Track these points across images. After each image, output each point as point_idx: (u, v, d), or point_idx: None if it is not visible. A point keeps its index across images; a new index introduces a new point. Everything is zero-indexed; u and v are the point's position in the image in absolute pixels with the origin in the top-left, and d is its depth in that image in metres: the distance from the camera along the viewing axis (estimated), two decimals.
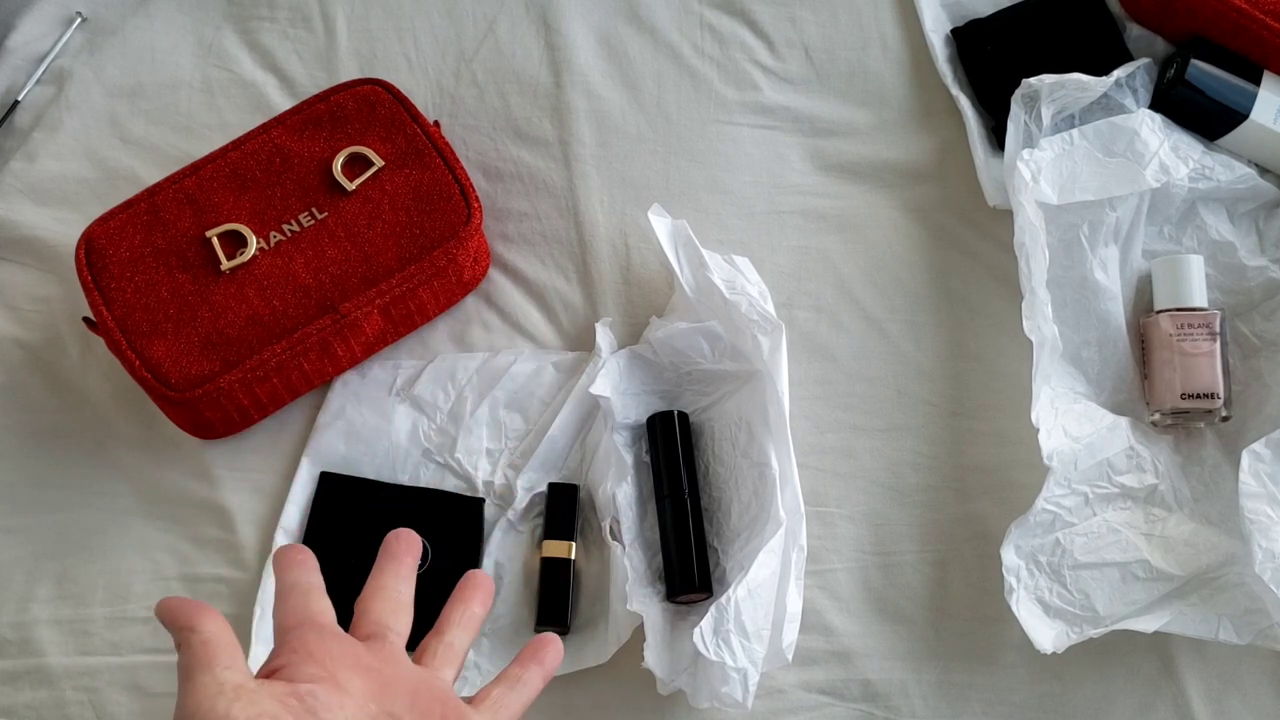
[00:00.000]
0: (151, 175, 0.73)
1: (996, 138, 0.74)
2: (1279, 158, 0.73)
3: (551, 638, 0.52)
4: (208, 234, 0.67)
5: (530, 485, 0.68)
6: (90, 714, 0.65)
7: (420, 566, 0.66)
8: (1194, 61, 0.72)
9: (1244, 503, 0.62)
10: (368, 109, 0.70)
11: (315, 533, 0.67)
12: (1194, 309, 0.68)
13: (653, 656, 0.61)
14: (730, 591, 0.59)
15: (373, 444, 0.69)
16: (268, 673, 0.44)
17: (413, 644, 0.49)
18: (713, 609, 0.59)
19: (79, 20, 0.79)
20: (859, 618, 0.67)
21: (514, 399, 0.70)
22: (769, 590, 0.60)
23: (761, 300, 0.67)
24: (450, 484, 0.68)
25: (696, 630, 0.58)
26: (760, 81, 0.78)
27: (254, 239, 0.67)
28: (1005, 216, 0.72)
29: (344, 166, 0.69)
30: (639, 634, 0.62)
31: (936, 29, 0.78)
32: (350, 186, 0.68)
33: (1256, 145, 0.73)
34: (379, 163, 0.69)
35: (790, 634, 0.61)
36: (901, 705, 0.65)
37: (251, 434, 0.70)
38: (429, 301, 0.69)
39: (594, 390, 0.66)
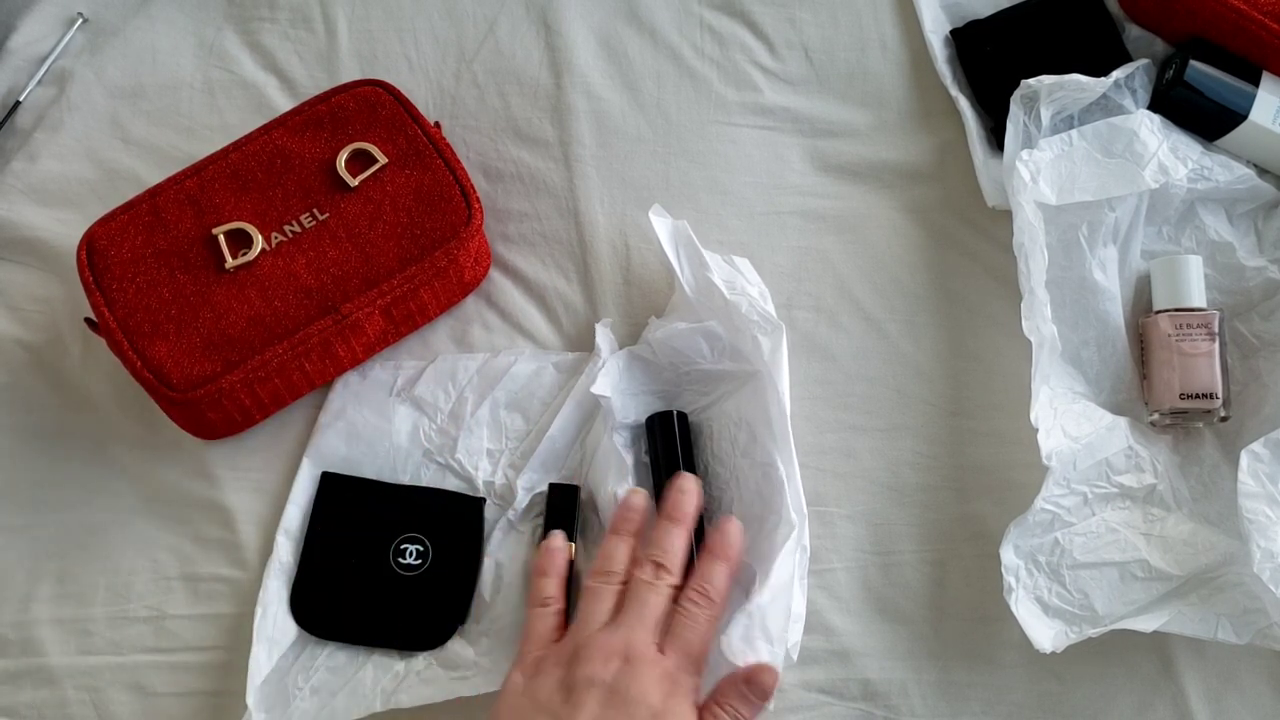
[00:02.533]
0: (153, 176, 0.73)
1: (996, 138, 0.75)
2: (1278, 158, 0.73)
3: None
4: (214, 231, 0.67)
5: (531, 485, 0.68)
6: (91, 713, 0.65)
7: (420, 567, 0.66)
8: (1193, 62, 0.72)
9: (1242, 502, 0.63)
10: (369, 110, 0.70)
11: (316, 533, 0.67)
12: (1193, 309, 0.68)
13: None
14: (756, 598, 0.59)
15: (374, 444, 0.69)
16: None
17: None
18: (740, 616, 0.58)
19: (80, 21, 0.80)
20: (859, 617, 0.67)
21: (514, 399, 0.70)
22: (788, 593, 0.60)
23: (761, 301, 0.67)
24: (451, 484, 0.69)
25: (724, 639, 0.58)
26: (760, 82, 0.78)
27: (259, 238, 0.67)
28: (1004, 217, 0.72)
29: (347, 162, 0.69)
30: None
31: (936, 30, 0.78)
32: (353, 183, 0.68)
33: (1255, 146, 0.73)
34: (382, 159, 0.69)
35: (794, 634, 0.61)
36: (901, 704, 0.66)
37: (253, 434, 0.70)
38: (430, 302, 0.70)
39: (594, 390, 0.66)
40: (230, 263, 0.66)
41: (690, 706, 0.55)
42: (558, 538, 0.63)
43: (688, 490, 0.62)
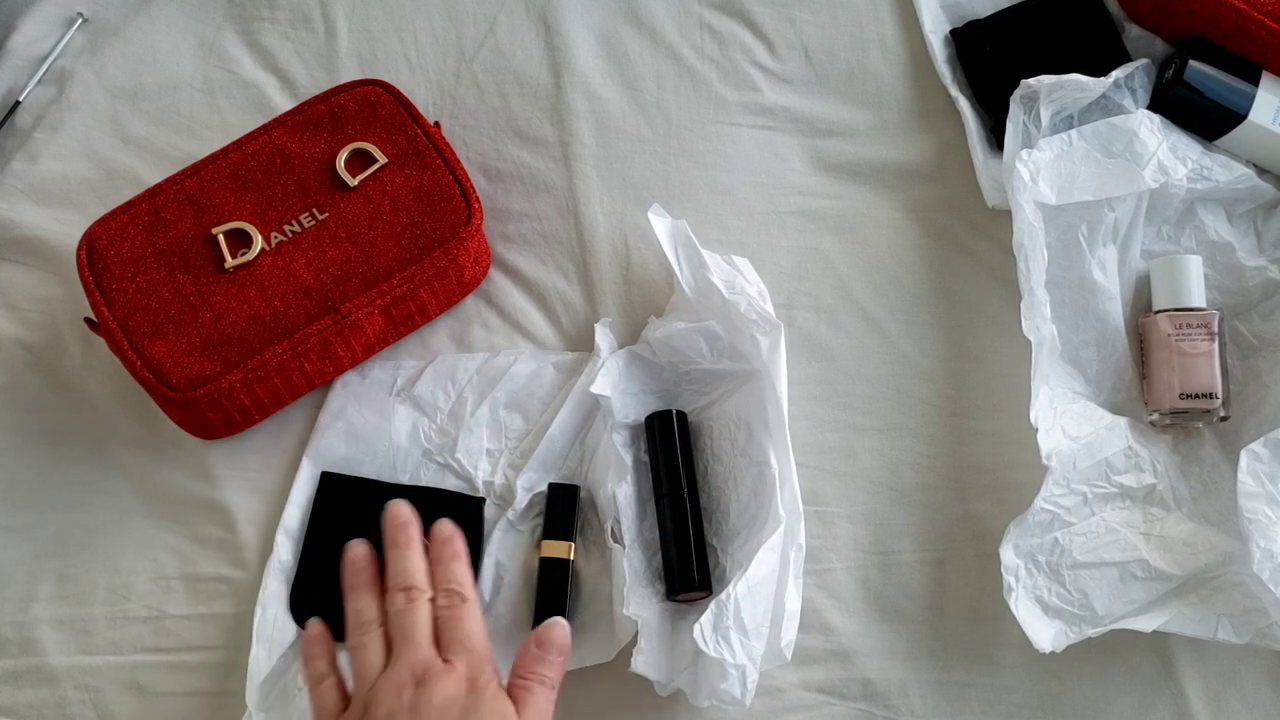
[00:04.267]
0: (153, 176, 0.73)
1: (995, 138, 0.75)
2: (1277, 158, 0.73)
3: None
4: (214, 231, 0.67)
5: (530, 485, 0.68)
6: (91, 713, 0.65)
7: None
8: (1192, 62, 0.72)
9: (1242, 502, 0.63)
10: (368, 110, 0.70)
11: (316, 533, 0.67)
12: (1192, 309, 0.68)
13: (643, 661, 0.61)
14: (730, 588, 0.59)
15: (373, 444, 0.69)
16: None
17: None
18: (712, 605, 0.59)
19: (80, 21, 0.80)
20: (858, 617, 0.67)
21: (514, 399, 0.70)
22: (768, 588, 0.60)
23: (760, 300, 0.67)
24: (450, 484, 0.69)
25: (696, 626, 0.58)
26: (760, 82, 0.78)
27: (259, 237, 0.67)
28: (1004, 217, 0.72)
29: (347, 162, 0.69)
30: None
31: (935, 30, 0.78)
32: (353, 183, 0.68)
33: (1255, 146, 0.73)
34: (382, 159, 0.69)
35: (789, 633, 0.61)
36: (900, 704, 0.66)
37: (252, 434, 0.70)
38: (430, 302, 0.70)
39: (594, 389, 0.66)
40: (230, 262, 0.66)
41: (497, 692, 0.55)
42: (316, 625, 0.61)
43: (397, 515, 0.61)
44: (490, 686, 0.55)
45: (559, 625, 0.59)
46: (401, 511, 0.61)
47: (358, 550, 0.61)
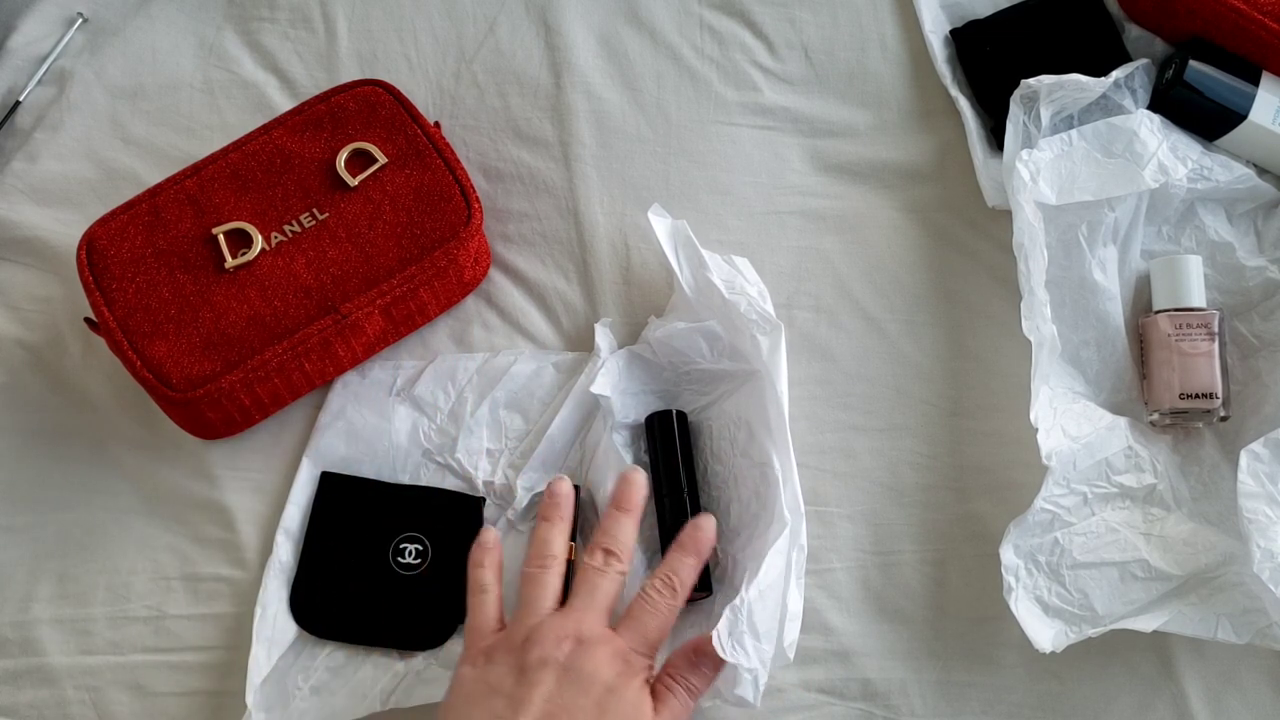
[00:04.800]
0: (153, 176, 0.73)
1: (995, 138, 0.75)
2: (1277, 158, 0.73)
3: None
4: (214, 231, 0.67)
5: (530, 485, 0.68)
6: (91, 713, 0.65)
7: (419, 566, 0.66)
8: (1192, 62, 0.72)
9: (1242, 502, 0.63)
10: (368, 110, 0.70)
11: (316, 532, 0.67)
12: (1192, 309, 0.68)
13: None
14: (742, 593, 0.59)
15: (373, 444, 0.69)
16: None
17: None
18: (727, 611, 0.58)
19: (80, 21, 0.80)
20: (858, 617, 0.67)
21: (514, 399, 0.70)
22: (777, 591, 0.60)
23: (761, 300, 0.67)
24: (450, 484, 0.69)
25: (715, 633, 0.58)
26: (760, 82, 0.78)
27: (259, 237, 0.67)
28: (1004, 217, 0.72)
29: (347, 162, 0.69)
30: None
31: (935, 30, 0.78)
32: (353, 183, 0.68)
33: (1255, 146, 0.73)
34: (382, 159, 0.69)
35: (792, 633, 0.61)
36: (901, 704, 0.66)
37: (252, 434, 0.70)
38: (430, 302, 0.70)
39: (594, 389, 0.66)
40: (230, 262, 0.66)
41: (643, 684, 0.57)
42: (490, 533, 0.63)
43: (636, 481, 0.63)
44: (640, 676, 0.57)
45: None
46: (642, 481, 0.63)
47: (565, 486, 0.63)
